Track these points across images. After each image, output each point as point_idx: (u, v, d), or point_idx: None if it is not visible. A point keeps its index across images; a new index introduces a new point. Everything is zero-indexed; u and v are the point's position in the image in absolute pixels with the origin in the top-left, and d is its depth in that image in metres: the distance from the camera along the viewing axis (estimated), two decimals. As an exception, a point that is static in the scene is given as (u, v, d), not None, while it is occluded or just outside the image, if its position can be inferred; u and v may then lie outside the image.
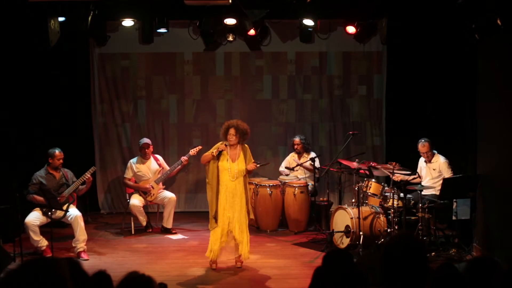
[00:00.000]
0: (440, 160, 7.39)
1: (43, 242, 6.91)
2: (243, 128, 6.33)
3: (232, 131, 6.28)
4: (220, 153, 6.33)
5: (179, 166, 8.26)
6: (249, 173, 6.53)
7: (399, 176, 7.31)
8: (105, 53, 9.37)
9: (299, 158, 8.59)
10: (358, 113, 9.54)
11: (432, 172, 7.44)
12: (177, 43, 9.33)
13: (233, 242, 6.40)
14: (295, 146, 8.60)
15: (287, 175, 8.70)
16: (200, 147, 8.26)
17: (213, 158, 6.32)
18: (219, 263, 6.48)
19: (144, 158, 8.24)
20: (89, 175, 7.19)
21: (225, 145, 6.33)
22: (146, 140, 8.28)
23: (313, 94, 9.53)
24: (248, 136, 6.46)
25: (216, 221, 6.32)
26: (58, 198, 6.97)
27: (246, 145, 6.47)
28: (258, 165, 6.48)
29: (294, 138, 8.68)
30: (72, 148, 8.18)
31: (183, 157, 8.16)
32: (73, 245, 6.98)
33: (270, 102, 9.58)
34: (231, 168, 6.29)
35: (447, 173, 7.31)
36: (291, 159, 8.72)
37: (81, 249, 6.95)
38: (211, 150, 6.38)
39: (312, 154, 8.45)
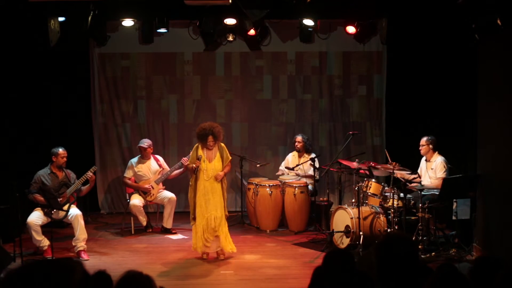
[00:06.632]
0: (437, 160, 7.39)
1: (45, 242, 6.89)
2: (217, 133, 6.75)
3: (210, 138, 6.70)
4: (197, 168, 6.76)
5: (181, 169, 8.25)
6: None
7: (399, 173, 7.32)
8: (105, 53, 9.36)
9: (299, 157, 8.59)
10: (358, 113, 9.54)
11: (430, 171, 7.45)
12: (177, 43, 9.33)
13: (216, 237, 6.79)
14: (296, 144, 8.60)
15: (282, 174, 8.70)
16: None
17: (194, 172, 6.76)
18: (211, 254, 6.93)
19: (143, 158, 8.24)
20: (91, 174, 7.18)
21: (198, 160, 6.76)
22: (142, 144, 8.23)
23: (313, 94, 9.53)
24: (222, 135, 6.87)
25: (195, 221, 6.77)
26: (60, 199, 6.97)
27: (222, 144, 6.89)
28: (223, 174, 6.81)
29: (297, 136, 8.67)
30: (72, 148, 8.16)
31: (183, 158, 8.14)
32: (73, 244, 6.97)
33: (270, 102, 9.58)
34: (207, 168, 6.75)
35: (440, 173, 7.31)
36: (292, 158, 8.71)
37: (81, 248, 6.94)
38: (190, 161, 6.87)
39: (312, 155, 8.45)
